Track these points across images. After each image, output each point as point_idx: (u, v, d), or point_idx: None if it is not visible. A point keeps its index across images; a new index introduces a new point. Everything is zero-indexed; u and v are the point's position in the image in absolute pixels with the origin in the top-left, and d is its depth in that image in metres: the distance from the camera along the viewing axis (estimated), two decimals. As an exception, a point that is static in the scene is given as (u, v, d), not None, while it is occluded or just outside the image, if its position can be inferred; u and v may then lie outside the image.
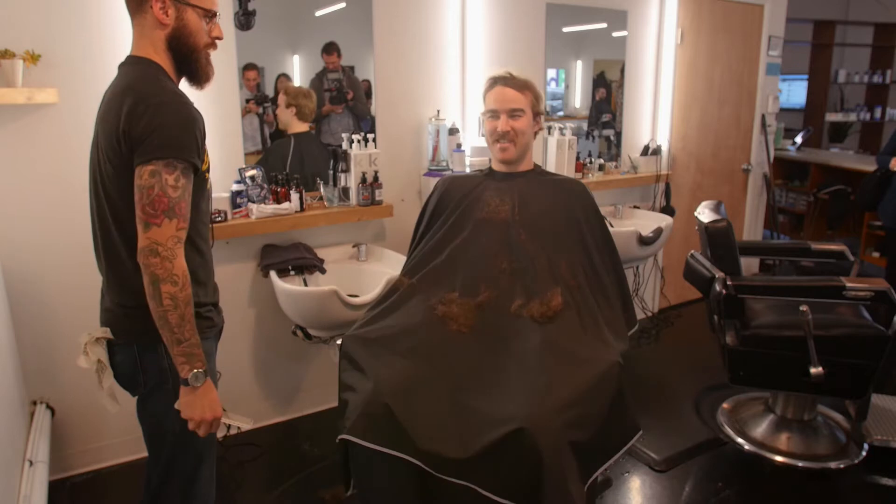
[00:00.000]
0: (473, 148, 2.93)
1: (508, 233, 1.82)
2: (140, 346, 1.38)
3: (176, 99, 1.29)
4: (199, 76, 1.41)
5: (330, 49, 2.60)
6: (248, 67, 2.44)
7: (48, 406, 2.25)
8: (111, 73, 1.39)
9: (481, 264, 1.80)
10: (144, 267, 1.25)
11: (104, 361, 1.41)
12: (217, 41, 1.42)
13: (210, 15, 1.39)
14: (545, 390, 1.46)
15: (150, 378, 1.40)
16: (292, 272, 2.47)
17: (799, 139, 5.65)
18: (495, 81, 1.89)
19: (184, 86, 1.43)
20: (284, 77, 2.53)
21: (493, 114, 1.88)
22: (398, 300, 1.82)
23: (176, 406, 1.35)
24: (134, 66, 1.35)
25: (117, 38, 2.11)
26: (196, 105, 1.34)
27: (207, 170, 1.43)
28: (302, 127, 2.59)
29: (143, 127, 1.23)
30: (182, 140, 1.26)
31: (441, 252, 1.87)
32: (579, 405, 1.45)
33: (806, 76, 6.82)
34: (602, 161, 3.51)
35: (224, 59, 2.34)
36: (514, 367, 1.57)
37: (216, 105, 2.37)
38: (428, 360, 1.59)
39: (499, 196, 1.89)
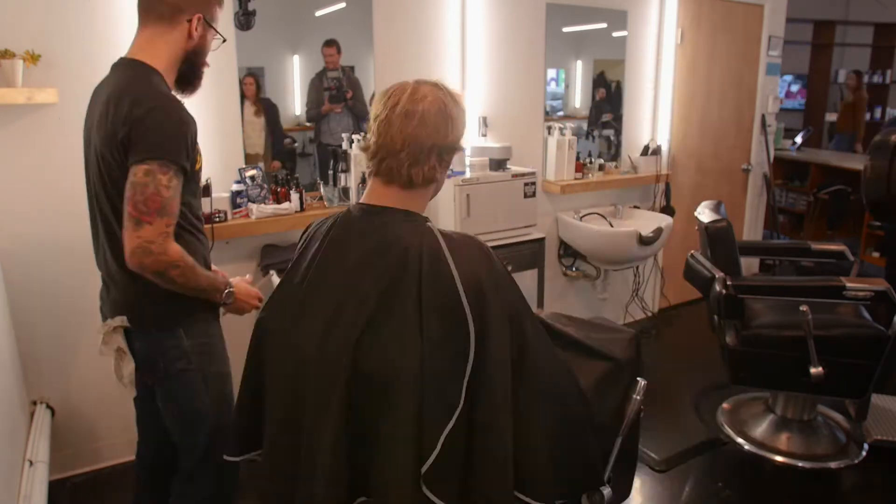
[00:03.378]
0: (473, 148, 2.93)
1: None
2: (158, 330, 1.42)
3: (171, 103, 1.34)
4: (195, 86, 1.52)
5: (330, 42, 2.59)
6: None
7: (48, 406, 2.25)
8: (111, 74, 1.39)
9: None
10: (142, 268, 1.29)
11: (123, 348, 1.44)
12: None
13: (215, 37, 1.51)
14: None
15: (172, 362, 1.44)
16: (292, 272, 2.47)
17: (799, 139, 5.65)
18: None
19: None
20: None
21: None
22: None
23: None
24: (131, 69, 1.38)
25: (117, 38, 2.10)
26: (196, 105, 1.37)
27: (199, 169, 1.48)
28: None
29: (141, 128, 1.28)
30: (175, 143, 1.31)
31: None
32: None
33: (805, 76, 6.83)
34: (602, 161, 3.51)
35: (224, 60, 2.34)
36: None
37: (216, 105, 2.37)
38: None
39: None
